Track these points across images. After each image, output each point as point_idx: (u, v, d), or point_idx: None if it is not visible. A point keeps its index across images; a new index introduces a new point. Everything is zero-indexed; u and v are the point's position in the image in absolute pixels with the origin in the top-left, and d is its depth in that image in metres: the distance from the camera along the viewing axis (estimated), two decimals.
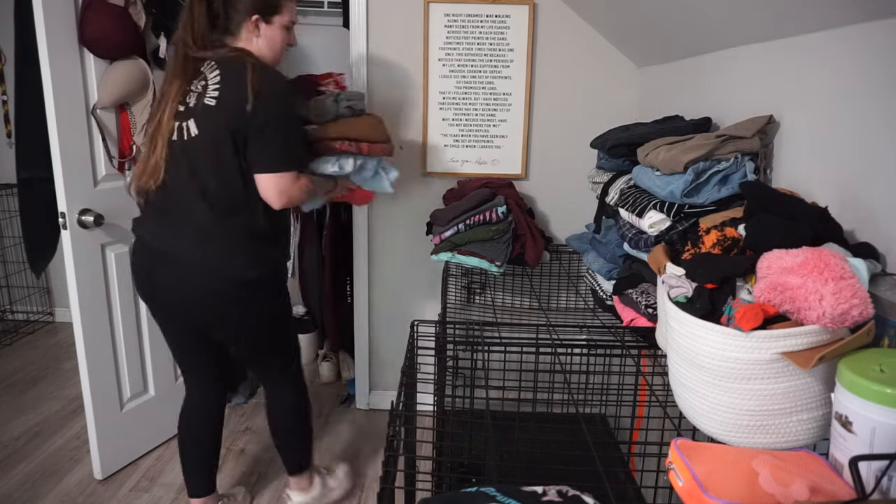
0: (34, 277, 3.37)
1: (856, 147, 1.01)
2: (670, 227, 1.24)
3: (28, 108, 2.17)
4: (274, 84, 1.48)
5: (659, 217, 1.27)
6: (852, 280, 0.73)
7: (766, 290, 0.79)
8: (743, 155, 1.22)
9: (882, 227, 0.94)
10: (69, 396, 2.69)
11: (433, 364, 1.58)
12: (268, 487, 2.14)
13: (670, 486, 0.72)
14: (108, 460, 2.15)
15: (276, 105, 1.47)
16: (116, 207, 2.05)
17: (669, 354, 0.95)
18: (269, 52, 1.57)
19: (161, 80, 1.61)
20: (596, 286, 1.87)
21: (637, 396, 1.71)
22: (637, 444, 1.75)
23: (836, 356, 0.72)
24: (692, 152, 1.22)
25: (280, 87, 1.50)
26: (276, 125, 1.46)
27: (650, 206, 1.31)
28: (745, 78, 1.42)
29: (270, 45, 1.56)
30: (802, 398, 0.79)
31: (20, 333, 3.35)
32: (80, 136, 1.92)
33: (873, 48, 0.97)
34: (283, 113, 1.49)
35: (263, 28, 1.54)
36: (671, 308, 0.90)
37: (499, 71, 2.29)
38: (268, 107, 1.44)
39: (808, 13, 1.10)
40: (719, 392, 0.83)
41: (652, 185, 1.34)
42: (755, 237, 0.93)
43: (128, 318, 2.16)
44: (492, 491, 0.69)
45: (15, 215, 3.28)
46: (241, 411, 2.64)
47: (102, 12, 1.86)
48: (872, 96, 0.97)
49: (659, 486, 1.24)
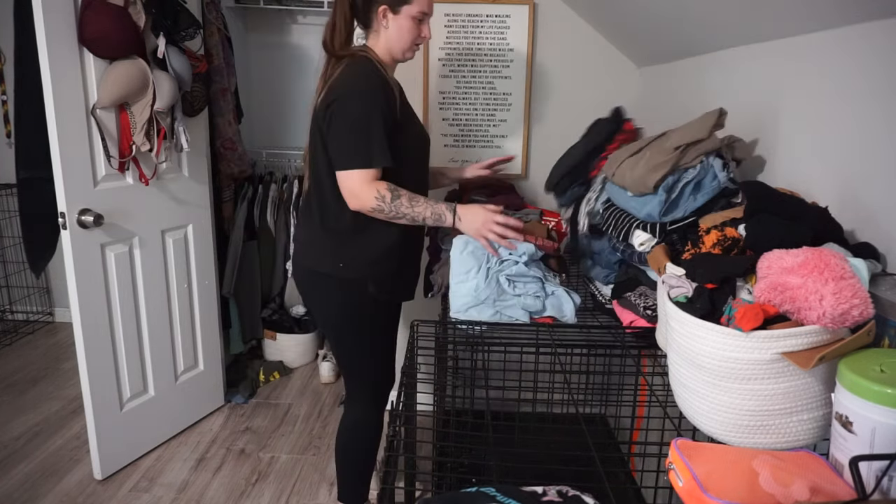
0: (34, 277, 3.37)
1: (856, 147, 1.01)
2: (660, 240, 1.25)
3: (28, 108, 2.17)
4: (349, 80, 1.46)
5: (646, 237, 1.26)
6: (852, 280, 0.73)
7: (767, 290, 0.79)
8: (707, 155, 1.20)
9: (882, 227, 0.94)
10: (69, 396, 2.69)
11: (433, 364, 1.58)
12: (268, 487, 2.14)
13: (670, 486, 0.71)
14: (108, 460, 2.15)
15: (346, 102, 1.45)
16: (116, 207, 2.05)
17: (669, 354, 0.95)
18: (397, 43, 1.53)
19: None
20: (595, 290, 1.87)
21: (637, 396, 1.71)
22: (637, 444, 1.75)
23: (837, 356, 0.72)
24: (657, 172, 1.20)
25: (355, 84, 1.46)
26: (345, 123, 1.45)
27: (634, 227, 1.30)
28: (745, 78, 1.42)
29: (397, 37, 1.52)
30: (803, 398, 0.79)
31: (20, 333, 3.35)
32: (80, 136, 1.92)
33: (873, 48, 0.97)
34: (352, 111, 1.45)
35: (391, 18, 1.50)
36: (671, 308, 0.90)
37: (499, 71, 2.29)
38: (340, 105, 1.44)
39: (808, 13, 1.10)
40: (719, 392, 0.83)
41: (629, 206, 1.33)
42: (755, 237, 0.93)
43: (128, 318, 2.16)
44: (492, 491, 0.69)
45: (15, 215, 3.28)
46: (241, 411, 2.64)
47: (102, 12, 1.86)
48: (872, 96, 0.97)
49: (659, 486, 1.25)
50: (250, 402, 2.72)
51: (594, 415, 2.02)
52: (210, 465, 2.26)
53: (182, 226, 2.36)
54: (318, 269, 1.59)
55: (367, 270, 1.56)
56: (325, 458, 2.31)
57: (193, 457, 2.30)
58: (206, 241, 2.49)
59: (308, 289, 1.65)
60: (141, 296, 2.21)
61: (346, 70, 1.48)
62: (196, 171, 2.39)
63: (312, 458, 2.32)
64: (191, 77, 2.14)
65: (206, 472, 2.22)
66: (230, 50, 2.78)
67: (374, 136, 1.44)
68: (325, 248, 1.57)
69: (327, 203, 1.54)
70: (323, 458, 2.32)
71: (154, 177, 2.14)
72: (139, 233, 2.17)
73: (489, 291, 1.44)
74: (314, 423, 2.57)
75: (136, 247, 2.17)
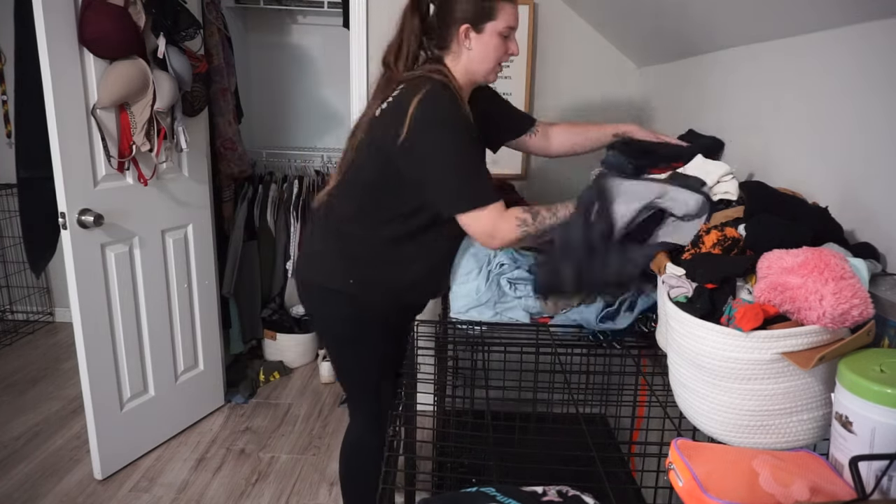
0: (34, 277, 3.37)
1: (856, 147, 1.01)
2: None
3: (28, 108, 2.16)
4: (434, 113, 1.29)
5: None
6: (852, 280, 0.73)
7: (767, 290, 0.79)
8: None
9: (882, 227, 0.94)
10: (69, 396, 2.69)
11: (433, 364, 1.58)
12: (268, 487, 2.14)
13: (670, 486, 0.71)
14: (108, 460, 2.15)
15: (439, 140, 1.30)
16: (116, 207, 2.05)
17: (669, 354, 0.95)
18: (481, 65, 1.38)
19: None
20: None
21: (637, 396, 1.71)
22: (637, 444, 1.75)
23: (837, 356, 0.72)
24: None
25: (444, 119, 1.30)
26: (447, 163, 1.31)
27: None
28: (745, 78, 1.42)
29: (482, 58, 1.36)
30: (802, 398, 0.79)
31: (20, 333, 3.35)
32: (80, 136, 1.92)
33: (873, 48, 0.97)
34: (451, 149, 1.31)
35: (474, 38, 1.34)
36: (671, 308, 0.90)
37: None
38: (432, 144, 1.29)
39: (808, 13, 1.10)
40: (719, 392, 0.83)
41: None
42: (755, 237, 0.93)
43: (128, 318, 2.16)
44: (492, 491, 0.69)
45: (15, 215, 3.28)
46: (241, 411, 2.64)
47: (102, 12, 1.86)
48: (873, 96, 0.97)
49: (659, 486, 1.24)
50: (250, 402, 2.72)
51: (594, 415, 2.02)
52: (210, 465, 2.26)
53: (182, 226, 2.36)
54: (327, 284, 1.47)
55: (382, 291, 1.46)
56: (325, 458, 2.31)
57: (193, 457, 2.30)
58: (207, 241, 2.49)
59: (317, 304, 1.54)
60: (141, 296, 2.21)
61: (427, 102, 1.28)
62: (196, 171, 2.39)
63: (312, 458, 2.32)
64: (191, 77, 2.14)
65: (206, 472, 2.22)
66: (230, 50, 2.78)
67: (482, 169, 1.35)
68: (338, 265, 1.46)
69: (355, 222, 1.43)
70: (323, 458, 2.32)
71: (154, 177, 2.14)
72: (139, 233, 2.17)
73: (490, 294, 1.44)
74: (314, 423, 2.57)
75: (137, 247, 2.17)
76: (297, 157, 3.20)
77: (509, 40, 1.37)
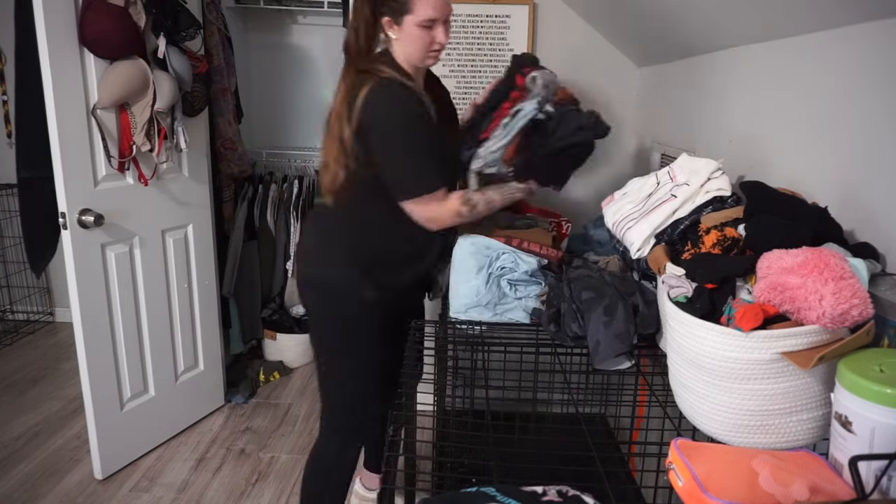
0: (34, 277, 3.37)
1: (856, 147, 1.01)
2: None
3: (28, 108, 2.17)
4: (380, 109, 1.38)
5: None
6: (852, 280, 0.73)
7: (766, 290, 0.79)
8: None
9: (882, 227, 0.94)
10: (69, 396, 2.69)
11: (433, 364, 1.58)
12: (268, 487, 2.14)
13: (670, 486, 0.72)
14: (108, 460, 2.15)
15: (386, 135, 1.40)
16: (116, 207, 2.05)
17: (669, 354, 0.95)
18: (411, 54, 1.42)
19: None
20: None
21: (637, 396, 1.71)
22: (637, 444, 1.75)
23: (836, 356, 0.72)
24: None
25: (388, 115, 1.39)
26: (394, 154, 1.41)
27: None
28: (745, 78, 1.42)
29: (411, 48, 1.41)
30: (802, 398, 0.79)
31: (20, 333, 3.35)
32: (80, 136, 1.92)
33: (874, 48, 0.97)
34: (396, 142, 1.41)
35: (396, 30, 1.40)
36: (671, 308, 0.90)
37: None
38: (379, 139, 1.39)
39: (809, 13, 1.10)
40: (719, 392, 0.83)
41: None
42: (755, 237, 0.93)
43: (128, 318, 2.16)
44: (492, 491, 0.69)
45: (15, 215, 3.28)
46: (241, 411, 2.64)
47: (102, 12, 1.86)
48: (873, 96, 0.97)
49: (659, 486, 1.24)
50: (250, 402, 2.72)
51: (594, 415, 2.02)
52: (210, 465, 2.26)
53: (182, 226, 2.36)
54: (323, 269, 1.52)
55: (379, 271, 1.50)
56: None
57: (193, 457, 2.30)
58: (207, 241, 2.49)
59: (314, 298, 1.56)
60: (141, 296, 2.21)
61: (372, 97, 1.36)
62: (196, 171, 2.39)
63: None
64: (191, 77, 2.14)
65: (206, 472, 2.22)
66: (230, 50, 2.78)
67: (427, 158, 1.41)
68: (330, 249, 1.52)
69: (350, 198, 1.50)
70: None
71: (154, 177, 2.14)
72: (139, 233, 2.17)
73: (490, 296, 1.44)
74: (314, 422, 2.57)
75: (137, 247, 2.17)
76: (297, 157, 3.20)
77: (434, 30, 1.40)
